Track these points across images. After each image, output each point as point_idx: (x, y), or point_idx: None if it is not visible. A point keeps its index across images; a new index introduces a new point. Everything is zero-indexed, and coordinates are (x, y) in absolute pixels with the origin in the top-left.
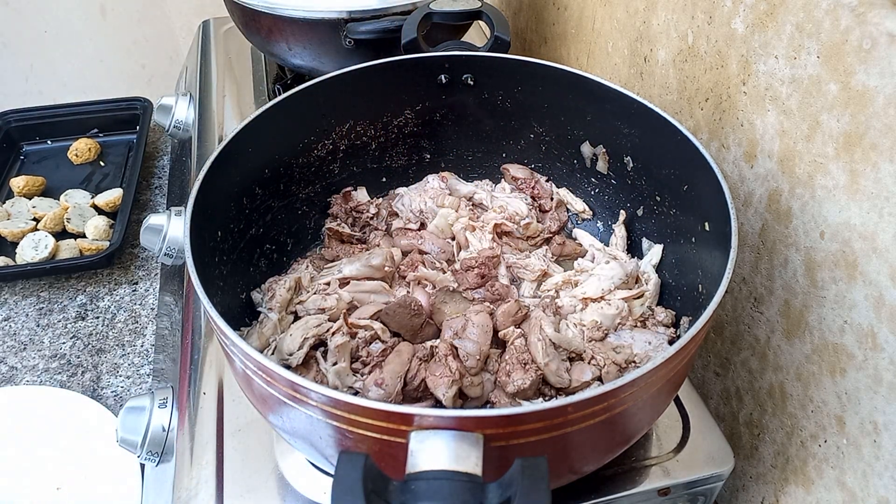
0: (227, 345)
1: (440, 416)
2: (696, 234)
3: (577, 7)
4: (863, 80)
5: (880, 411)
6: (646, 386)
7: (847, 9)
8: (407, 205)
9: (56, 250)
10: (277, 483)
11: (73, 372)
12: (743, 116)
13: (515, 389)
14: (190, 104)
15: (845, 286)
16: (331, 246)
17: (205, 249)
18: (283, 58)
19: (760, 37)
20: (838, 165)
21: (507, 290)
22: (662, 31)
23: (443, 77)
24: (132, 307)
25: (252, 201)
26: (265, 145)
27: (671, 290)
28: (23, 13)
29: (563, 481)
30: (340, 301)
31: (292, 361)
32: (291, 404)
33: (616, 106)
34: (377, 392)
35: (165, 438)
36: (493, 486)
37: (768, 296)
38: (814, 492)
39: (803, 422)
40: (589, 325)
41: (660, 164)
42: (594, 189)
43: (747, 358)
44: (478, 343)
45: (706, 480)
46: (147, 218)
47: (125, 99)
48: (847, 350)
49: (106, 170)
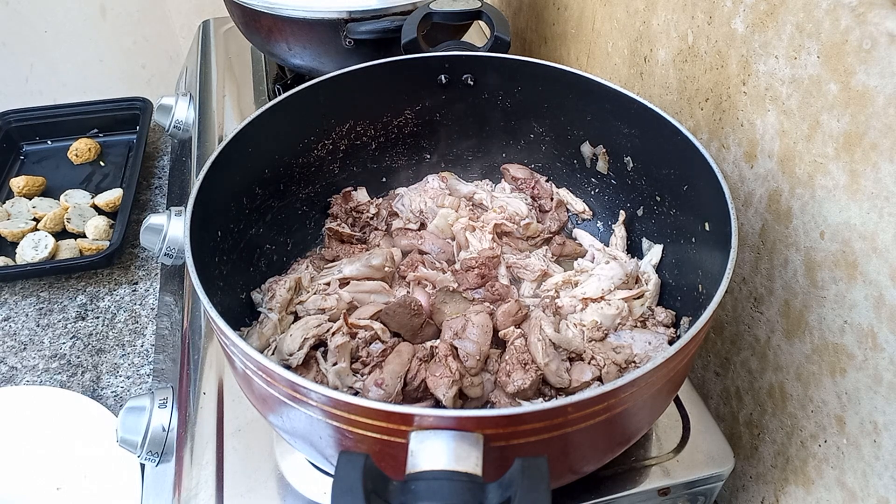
0: (227, 345)
1: (440, 417)
2: (696, 234)
3: (577, 7)
4: (863, 80)
5: (880, 411)
6: (646, 386)
7: (847, 9)
8: (407, 205)
9: (56, 250)
10: (277, 483)
11: (73, 372)
12: (743, 116)
13: (515, 389)
14: (190, 104)
15: (845, 286)
16: (331, 246)
17: (205, 249)
18: (283, 58)
19: (760, 37)
20: (838, 165)
21: (507, 291)
22: (662, 31)
23: (443, 77)
24: (132, 307)
25: (252, 201)
26: (265, 145)
27: (671, 290)
28: (23, 13)
29: (563, 481)
30: (340, 301)
31: (292, 362)
32: (291, 404)
33: (616, 106)
34: (377, 392)
35: (165, 438)
36: (493, 486)
37: (768, 296)
38: (814, 492)
39: (803, 422)
40: (589, 326)
41: (660, 164)
42: (594, 189)
43: (747, 358)
44: (478, 343)
45: (706, 480)
46: (147, 218)
47: (125, 99)
48: (847, 350)
49: (106, 170)
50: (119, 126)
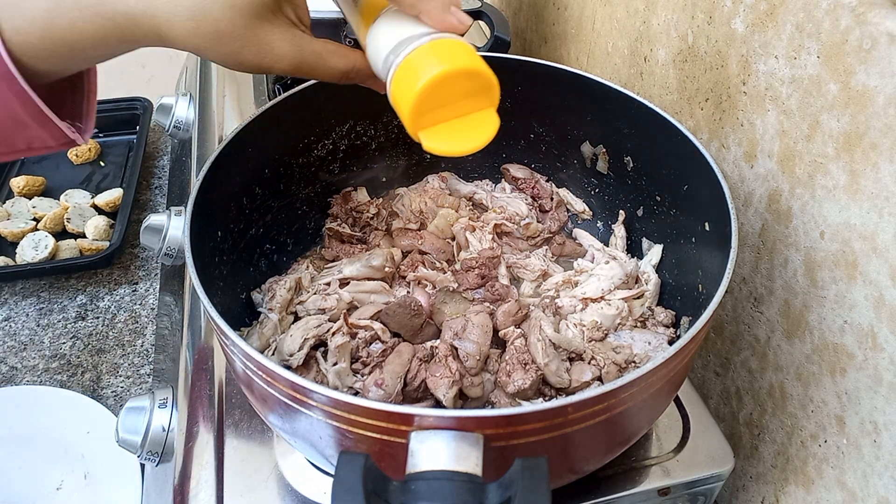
0: (227, 345)
1: (440, 417)
2: (696, 234)
3: (577, 7)
4: (863, 80)
5: (880, 411)
6: (646, 386)
7: (847, 9)
8: (407, 205)
9: (56, 250)
10: (277, 483)
11: (73, 372)
12: (743, 116)
13: (515, 390)
14: (190, 104)
15: (845, 286)
16: (331, 246)
17: (205, 249)
18: None
19: (760, 37)
20: (838, 165)
21: (508, 291)
22: (662, 31)
23: None
24: (132, 307)
25: (252, 201)
26: (265, 145)
27: (671, 290)
28: None
29: (564, 481)
30: (340, 301)
31: (293, 362)
32: (292, 405)
33: (616, 106)
34: (377, 392)
35: (165, 438)
36: (493, 486)
37: (768, 296)
38: (814, 492)
39: (803, 422)
40: (589, 326)
41: (660, 164)
42: (594, 189)
43: (747, 358)
44: (478, 343)
45: (706, 480)
46: (147, 218)
47: (125, 99)
48: (847, 350)
49: (106, 170)
50: (119, 126)
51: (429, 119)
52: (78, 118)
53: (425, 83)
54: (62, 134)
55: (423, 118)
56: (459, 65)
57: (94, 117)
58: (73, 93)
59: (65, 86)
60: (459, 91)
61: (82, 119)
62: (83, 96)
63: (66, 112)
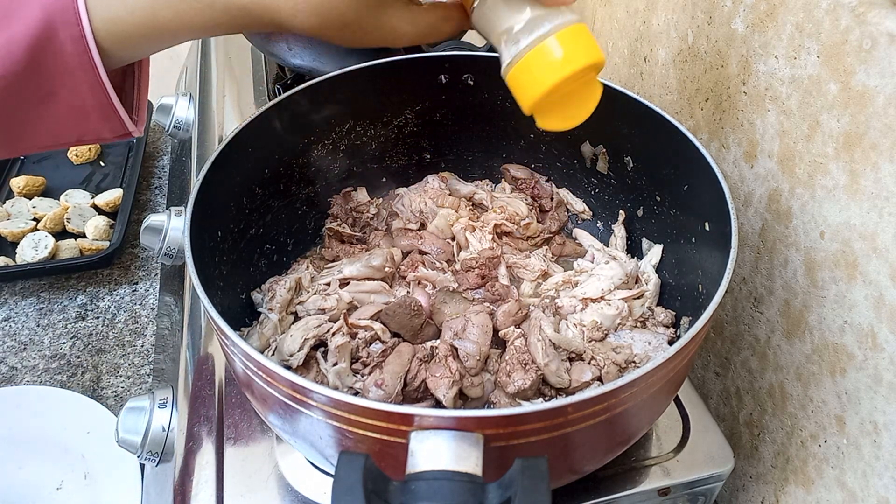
0: (227, 345)
1: (440, 417)
2: (696, 234)
3: (577, 7)
4: (863, 80)
5: (880, 411)
6: (646, 386)
7: (847, 9)
8: (407, 205)
9: (56, 250)
10: (277, 483)
11: (73, 372)
12: (743, 116)
13: (516, 390)
14: (190, 104)
15: (845, 286)
16: (331, 246)
17: (205, 249)
18: (283, 58)
19: (760, 37)
20: (838, 165)
21: (507, 291)
22: (662, 31)
23: (443, 77)
24: (132, 307)
25: (252, 201)
26: (265, 145)
27: (671, 290)
28: None
29: (564, 481)
30: (340, 301)
31: (293, 362)
32: (292, 405)
33: (616, 106)
34: (377, 392)
35: (165, 438)
36: (493, 487)
37: (768, 296)
38: (814, 492)
39: (803, 422)
40: (589, 326)
41: (660, 164)
42: (594, 189)
43: (747, 358)
44: (478, 343)
45: (706, 480)
46: (147, 218)
47: None
48: (847, 350)
49: (106, 170)
50: None
51: (546, 101)
52: (132, 109)
53: (558, 79)
54: (121, 125)
55: (544, 102)
56: (590, 60)
57: (146, 107)
58: (123, 82)
59: (117, 74)
60: (580, 78)
61: (136, 110)
62: (134, 85)
63: (127, 104)
